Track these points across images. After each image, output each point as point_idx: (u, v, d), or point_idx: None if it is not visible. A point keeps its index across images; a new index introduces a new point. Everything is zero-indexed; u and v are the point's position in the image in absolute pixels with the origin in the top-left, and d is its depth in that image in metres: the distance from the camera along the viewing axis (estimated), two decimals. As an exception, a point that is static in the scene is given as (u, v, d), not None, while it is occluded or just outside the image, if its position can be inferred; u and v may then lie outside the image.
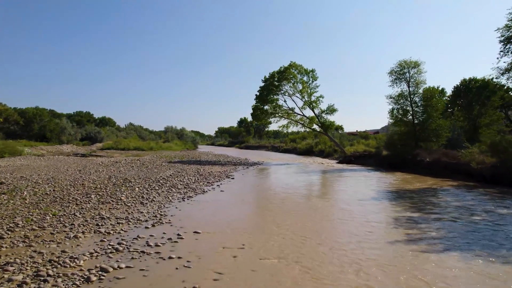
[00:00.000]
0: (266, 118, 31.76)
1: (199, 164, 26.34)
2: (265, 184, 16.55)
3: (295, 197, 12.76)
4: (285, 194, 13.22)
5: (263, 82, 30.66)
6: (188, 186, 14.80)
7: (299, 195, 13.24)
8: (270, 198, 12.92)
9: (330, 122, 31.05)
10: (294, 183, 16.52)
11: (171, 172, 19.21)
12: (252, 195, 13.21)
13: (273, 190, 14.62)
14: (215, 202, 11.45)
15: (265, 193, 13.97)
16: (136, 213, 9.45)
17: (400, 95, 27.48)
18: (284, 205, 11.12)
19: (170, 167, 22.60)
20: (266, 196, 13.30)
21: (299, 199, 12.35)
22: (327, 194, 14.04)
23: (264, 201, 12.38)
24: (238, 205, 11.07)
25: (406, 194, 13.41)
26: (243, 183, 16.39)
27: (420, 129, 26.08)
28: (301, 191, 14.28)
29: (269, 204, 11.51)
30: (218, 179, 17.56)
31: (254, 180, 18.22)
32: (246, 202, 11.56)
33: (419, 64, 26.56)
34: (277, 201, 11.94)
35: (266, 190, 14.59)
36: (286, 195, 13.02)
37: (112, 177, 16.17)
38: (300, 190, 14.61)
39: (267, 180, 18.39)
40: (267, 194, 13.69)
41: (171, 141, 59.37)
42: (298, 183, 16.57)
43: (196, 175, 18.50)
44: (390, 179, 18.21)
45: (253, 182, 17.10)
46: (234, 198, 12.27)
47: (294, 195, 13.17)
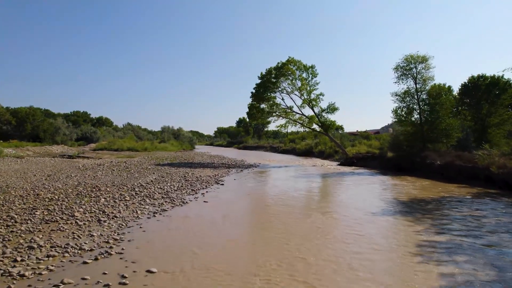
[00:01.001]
0: (262, 117, 29.48)
1: (189, 166, 24.11)
2: (258, 192, 14.32)
3: (292, 211, 10.51)
4: (280, 207, 10.97)
5: (259, 78, 28.39)
6: (167, 195, 12.57)
7: (297, 208, 10.99)
8: (261, 212, 10.67)
9: (330, 121, 28.78)
10: (291, 191, 14.27)
11: (153, 177, 16.98)
12: (240, 208, 10.96)
13: (266, 200, 12.38)
14: (191, 219, 9.21)
15: (256, 206, 11.71)
16: (84, 237, 7.22)
17: (406, 92, 25.23)
18: (277, 224, 8.87)
19: (156, 170, 20.37)
20: (256, 210, 11.05)
21: (296, 213, 10.10)
22: (330, 206, 11.77)
23: (252, 217, 10.09)
24: (218, 224, 8.82)
25: (422, 205, 11.16)
26: (232, 191, 14.15)
27: (428, 129, 23.80)
28: (299, 202, 12.03)
29: (258, 223, 9.26)
30: (205, 186, 15.34)
31: (246, 186, 15.99)
32: (229, 220, 9.31)
33: (427, 59, 24.29)
34: (269, 218, 9.69)
35: (258, 201, 12.34)
36: (281, 208, 10.77)
37: (82, 184, 13.94)
38: (298, 200, 12.36)
39: (261, 186, 16.14)
40: (258, 207, 11.44)
41: (167, 141, 57.13)
42: (296, 191, 14.32)
43: (181, 181, 16.27)
44: (399, 185, 15.97)
45: (244, 190, 14.86)
46: (216, 213, 10.02)
47: (290, 207, 10.92)
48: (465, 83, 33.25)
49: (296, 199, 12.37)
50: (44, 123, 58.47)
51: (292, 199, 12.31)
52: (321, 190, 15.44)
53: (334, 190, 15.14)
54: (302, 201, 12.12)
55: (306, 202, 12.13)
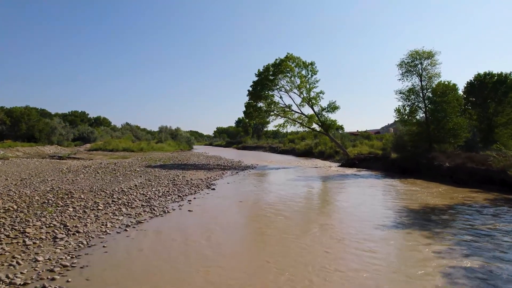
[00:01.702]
0: (260, 116, 27.92)
1: (182, 168, 22.59)
2: (251, 199, 12.80)
3: (289, 224, 9.00)
4: (276, 219, 9.45)
5: (256, 76, 26.83)
6: (148, 202, 11.06)
7: (295, 221, 9.48)
8: (253, 227, 9.16)
9: (331, 121, 27.23)
10: (289, 198, 12.76)
11: (139, 181, 15.47)
12: (228, 221, 9.41)
13: (260, 210, 10.85)
14: (168, 235, 7.69)
15: (247, 217, 10.18)
16: (26, 262, 5.71)
17: (411, 90, 23.70)
18: (271, 244, 7.36)
19: (144, 173, 18.85)
20: (246, 224, 9.49)
21: (295, 228, 8.58)
22: (333, 218, 10.24)
23: (241, 234, 8.49)
24: (199, 242, 7.29)
25: (438, 215, 9.65)
26: (223, 198, 12.63)
27: (435, 129, 22.27)
28: (298, 213, 10.50)
29: (248, 242, 7.74)
30: (195, 191, 13.83)
31: (239, 192, 14.47)
32: (214, 236, 7.79)
33: (433, 54, 22.74)
34: (262, 234, 8.18)
35: (250, 211, 10.81)
36: (276, 221, 9.25)
37: (55, 189, 12.41)
38: (296, 210, 10.83)
39: (256, 192, 14.62)
40: (250, 219, 9.90)
41: (164, 141, 55.61)
42: (294, 198, 12.80)
43: (168, 185, 14.77)
44: (407, 189, 14.43)
45: (236, 196, 13.33)
46: (200, 226, 8.51)
47: (288, 220, 9.40)
48: (471, 81, 31.69)
49: (294, 209, 10.85)
50: (40, 123, 56.98)
51: (290, 209, 10.79)
52: (322, 196, 13.91)
53: (337, 196, 13.61)
54: (301, 211, 10.59)
55: (306, 212, 10.60)
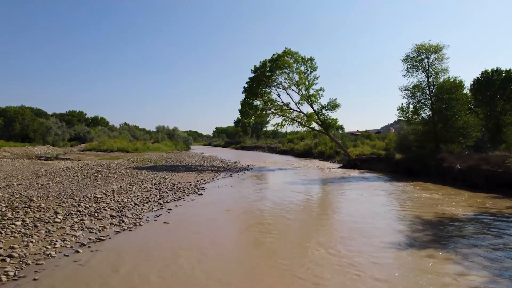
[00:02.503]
0: (256, 115, 26.20)
1: (172, 170, 20.92)
2: (241, 207, 11.13)
3: (283, 242, 7.32)
4: (268, 236, 7.78)
5: (252, 72, 25.16)
6: (120, 212, 9.40)
7: (290, 237, 7.80)
8: (237, 246, 7.48)
9: (331, 119, 25.53)
10: (283, 206, 11.09)
11: (119, 185, 13.80)
12: (208, 236, 7.68)
13: (248, 221, 9.18)
14: (129, 258, 6.03)
15: (232, 232, 8.47)
16: None
17: (417, 86, 22.03)
18: (256, 274, 5.70)
19: (129, 175, 17.19)
20: (230, 241, 7.79)
21: (286, 249, 6.91)
22: (333, 233, 8.57)
23: (221, 258, 6.77)
24: (164, 272, 5.63)
25: (459, 228, 7.98)
26: (208, 205, 10.95)
27: (443, 128, 20.58)
28: (294, 227, 8.82)
29: (227, 272, 6.06)
30: (179, 196, 12.17)
31: (229, 198, 12.80)
32: (184, 260, 6.12)
33: (441, 48, 21.07)
34: (246, 259, 6.53)
35: (237, 223, 9.12)
36: (266, 238, 7.59)
37: (14, 196, 10.73)
38: (292, 223, 9.16)
39: (247, 198, 12.94)
40: (235, 235, 8.20)
41: (161, 141, 53.93)
42: (289, 206, 11.13)
43: (151, 190, 13.10)
44: (417, 195, 12.74)
45: (225, 203, 11.66)
46: (172, 246, 6.84)
47: (281, 236, 7.73)
48: (477, 78, 29.93)
49: (289, 221, 9.18)
50: (34, 122, 55.34)
51: (284, 221, 9.13)
52: (321, 205, 12.21)
53: (339, 204, 11.93)
54: (297, 225, 8.91)
55: (304, 226, 8.92)
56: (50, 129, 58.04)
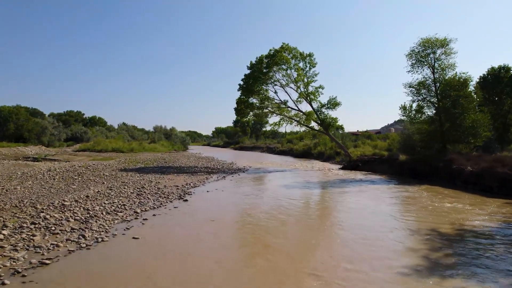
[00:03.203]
0: (253, 113, 24.74)
1: (162, 172, 19.50)
2: (229, 215, 9.73)
3: (275, 264, 5.91)
4: (254, 257, 6.37)
5: (248, 68, 23.70)
6: (86, 223, 7.99)
7: (284, 258, 6.38)
8: (220, 271, 6.06)
9: (331, 118, 24.07)
10: (277, 214, 9.68)
11: (97, 190, 12.39)
12: (180, 258, 6.32)
13: (236, 235, 7.77)
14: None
15: (215, 249, 7.04)
16: None
17: (422, 83, 20.59)
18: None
19: (112, 178, 15.78)
20: (211, 262, 6.38)
21: (283, 273, 5.50)
22: (333, 253, 7.15)
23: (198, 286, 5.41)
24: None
25: (485, 246, 6.56)
26: (192, 214, 9.52)
27: (450, 127, 19.13)
28: (289, 244, 7.40)
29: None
30: (161, 203, 10.76)
31: (217, 204, 11.38)
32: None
33: (448, 42, 19.62)
34: None
35: (221, 238, 7.67)
36: (255, 260, 6.18)
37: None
38: (287, 237, 7.75)
39: (238, 204, 11.54)
40: (217, 254, 6.79)
41: (158, 141, 52.51)
42: (284, 215, 9.72)
43: (131, 195, 11.70)
44: (426, 201, 11.30)
45: (211, 210, 10.24)
46: (133, 271, 5.43)
47: (273, 257, 6.32)
48: (484, 76, 28.48)
49: (284, 234, 7.77)
50: (29, 122, 53.99)
51: (277, 235, 7.72)
52: (321, 215, 10.76)
53: (341, 214, 10.50)
54: (294, 240, 7.49)
55: (299, 244, 7.47)
56: (45, 129, 56.69)
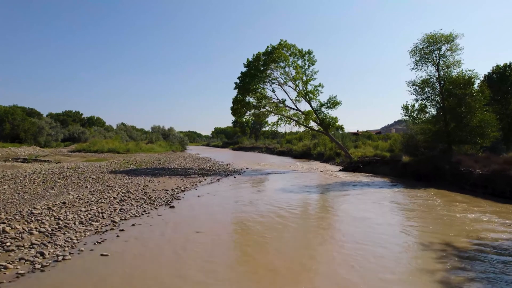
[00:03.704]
0: (250, 112, 23.69)
1: (154, 174, 18.48)
2: (216, 226, 8.70)
3: None
4: (246, 280, 5.34)
5: (245, 66, 22.66)
6: (51, 236, 6.98)
7: (280, 281, 5.36)
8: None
9: (331, 118, 23.02)
10: (270, 225, 8.66)
11: (77, 195, 11.37)
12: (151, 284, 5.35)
13: (222, 251, 6.74)
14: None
15: (191, 270, 6.01)
16: None
17: (425, 81, 19.56)
18: None
19: (99, 181, 14.76)
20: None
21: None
22: (334, 276, 6.14)
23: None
24: None
25: None
26: (174, 224, 8.48)
27: (456, 127, 18.09)
28: (277, 266, 6.38)
29: None
30: (144, 210, 9.74)
31: (205, 211, 10.35)
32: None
33: (454, 38, 18.59)
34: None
35: (201, 255, 6.64)
36: (244, 285, 5.14)
37: None
38: (276, 255, 6.72)
39: (227, 212, 10.52)
40: (193, 274, 5.74)
41: (155, 142, 51.49)
42: (278, 225, 8.70)
43: (114, 201, 10.68)
44: (436, 207, 10.27)
45: (197, 219, 9.20)
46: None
47: (257, 280, 5.30)
48: (489, 74, 27.43)
49: (278, 252, 6.74)
50: (25, 122, 53.01)
51: (269, 253, 6.68)
52: (320, 224, 9.70)
53: (342, 223, 9.46)
54: (289, 261, 6.44)
55: (296, 265, 6.45)
56: (42, 129, 55.68)
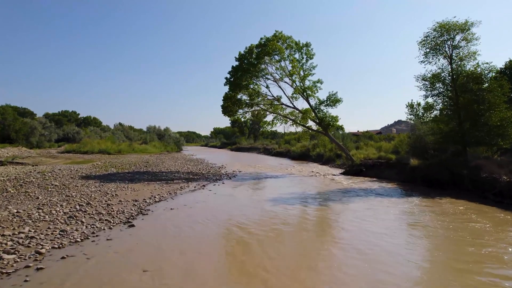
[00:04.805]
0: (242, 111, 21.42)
1: (131, 180, 16.23)
2: (176, 260, 6.46)
3: None
4: None
5: (236, 60, 20.38)
6: None
7: None
8: None
9: (331, 117, 20.73)
10: (255, 253, 6.41)
11: (23, 208, 9.15)
12: None
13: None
14: None
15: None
16: None
17: (436, 76, 17.28)
18: None
19: (60, 189, 12.52)
20: None
21: None
22: None
23: None
24: None
25: None
26: (120, 258, 6.20)
27: (472, 126, 15.80)
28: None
29: None
30: (93, 232, 7.49)
31: (169, 234, 8.09)
32: None
33: (469, 26, 16.31)
34: None
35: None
36: None
37: None
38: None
39: (199, 233, 8.27)
40: None
41: (149, 142, 49.25)
42: (263, 254, 6.44)
43: (64, 216, 8.45)
44: (460, 223, 8.00)
45: (153, 249, 6.93)
46: None
47: None
48: (501, 69, 25.08)
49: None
50: (17, 122, 50.82)
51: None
52: (321, 254, 7.44)
53: (342, 251, 7.18)
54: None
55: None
56: (34, 129, 53.57)
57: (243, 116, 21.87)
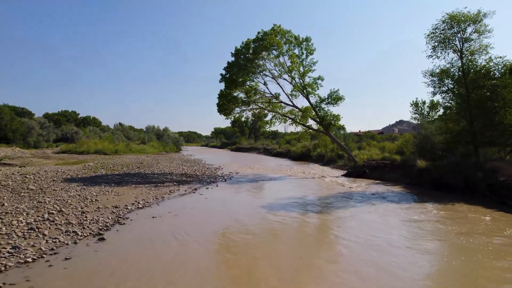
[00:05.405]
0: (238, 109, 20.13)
1: (119, 182, 15.01)
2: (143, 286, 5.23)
3: None
4: None
5: (232, 55, 19.13)
6: None
7: None
8: None
9: (332, 116, 19.45)
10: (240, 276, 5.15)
11: (-24, 219, 7.93)
12: None
13: None
14: None
15: None
16: None
17: (445, 71, 16.01)
18: None
19: (35, 193, 11.30)
20: None
21: None
22: None
23: None
24: None
25: None
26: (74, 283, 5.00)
27: (485, 125, 14.48)
28: None
29: None
30: (52, 247, 6.27)
31: (145, 249, 6.84)
32: None
33: (482, 17, 15.01)
34: None
35: None
36: None
37: None
38: None
39: (179, 248, 7.02)
40: None
41: (147, 142, 48.08)
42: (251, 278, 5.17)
43: (24, 228, 7.24)
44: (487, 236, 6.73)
45: (118, 272, 5.70)
46: None
47: None
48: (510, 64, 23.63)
49: None
50: (13, 122, 49.79)
51: None
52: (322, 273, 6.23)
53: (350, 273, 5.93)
54: None
55: None
56: (32, 129, 52.54)
57: (240, 115, 20.58)
